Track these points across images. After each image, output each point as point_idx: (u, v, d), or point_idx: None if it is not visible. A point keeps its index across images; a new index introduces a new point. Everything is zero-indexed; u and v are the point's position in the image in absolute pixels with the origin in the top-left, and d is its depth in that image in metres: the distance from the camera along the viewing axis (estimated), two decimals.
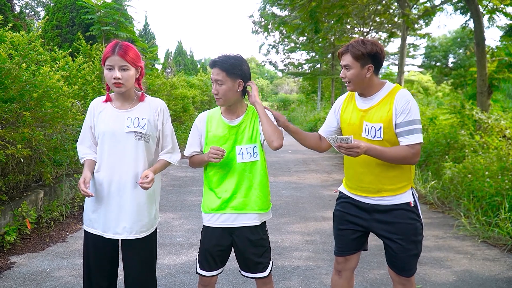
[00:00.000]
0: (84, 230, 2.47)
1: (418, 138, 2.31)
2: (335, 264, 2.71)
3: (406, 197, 2.45)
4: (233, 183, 2.47)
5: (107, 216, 2.37)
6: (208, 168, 2.55)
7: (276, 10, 19.00)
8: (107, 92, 2.45)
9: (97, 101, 2.48)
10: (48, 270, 3.90)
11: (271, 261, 2.60)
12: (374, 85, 2.43)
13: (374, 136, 2.37)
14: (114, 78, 2.28)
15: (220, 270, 2.58)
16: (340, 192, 2.71)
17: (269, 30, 23.72)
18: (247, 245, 2.49)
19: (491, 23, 9.58)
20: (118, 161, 2.35)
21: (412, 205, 2.46)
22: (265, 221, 2.58)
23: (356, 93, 2.54)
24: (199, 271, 2.56)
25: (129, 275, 2.46)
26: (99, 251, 2.43)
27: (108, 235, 2.37)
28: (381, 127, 2.35)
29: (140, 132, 2.36)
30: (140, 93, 2.50)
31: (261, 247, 2.53)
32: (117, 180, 2.35)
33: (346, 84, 2.46)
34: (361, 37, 2.38)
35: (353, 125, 2.48)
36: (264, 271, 2.53)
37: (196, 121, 2.61)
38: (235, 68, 2.37)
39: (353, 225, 2.58)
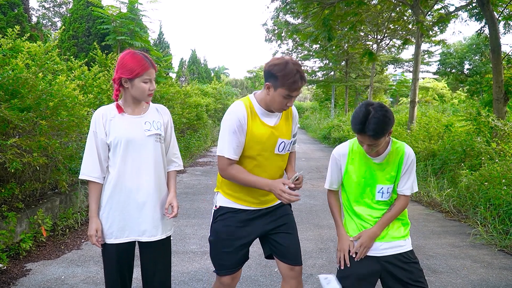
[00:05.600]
0: (107, 244, 2.40)
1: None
2: (220, 287, 2.56)
3: None
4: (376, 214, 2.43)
5: (140, 220, 2.39)
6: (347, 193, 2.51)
7: (289, 18, 19.01)
8: (116, 103, 2.41)
9: (103, 110, 2.40)
10: (63, 277, 3.94)
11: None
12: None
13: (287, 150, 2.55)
14: (151, 90, 2.38)
15: None
16: (223, 208, 2.53)
17: (283, 38, 23.69)
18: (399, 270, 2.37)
19: (506, 29, 9.53)
20: (143, 166, 2.39)
21: None
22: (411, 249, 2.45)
23: (262, 109, 2.44)
24: None
25: (153, 278, 2.49)
26: (123, 261, 2.44)
27: (144, 238, 2.42)
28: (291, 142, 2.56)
29: (160, 134, 2.45)
30: None
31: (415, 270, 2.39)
32: (144, 185, 2.39)
33: None
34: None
35: (265, 143, 2.42)
36: None
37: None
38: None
39: (243, 239, 2.50)
